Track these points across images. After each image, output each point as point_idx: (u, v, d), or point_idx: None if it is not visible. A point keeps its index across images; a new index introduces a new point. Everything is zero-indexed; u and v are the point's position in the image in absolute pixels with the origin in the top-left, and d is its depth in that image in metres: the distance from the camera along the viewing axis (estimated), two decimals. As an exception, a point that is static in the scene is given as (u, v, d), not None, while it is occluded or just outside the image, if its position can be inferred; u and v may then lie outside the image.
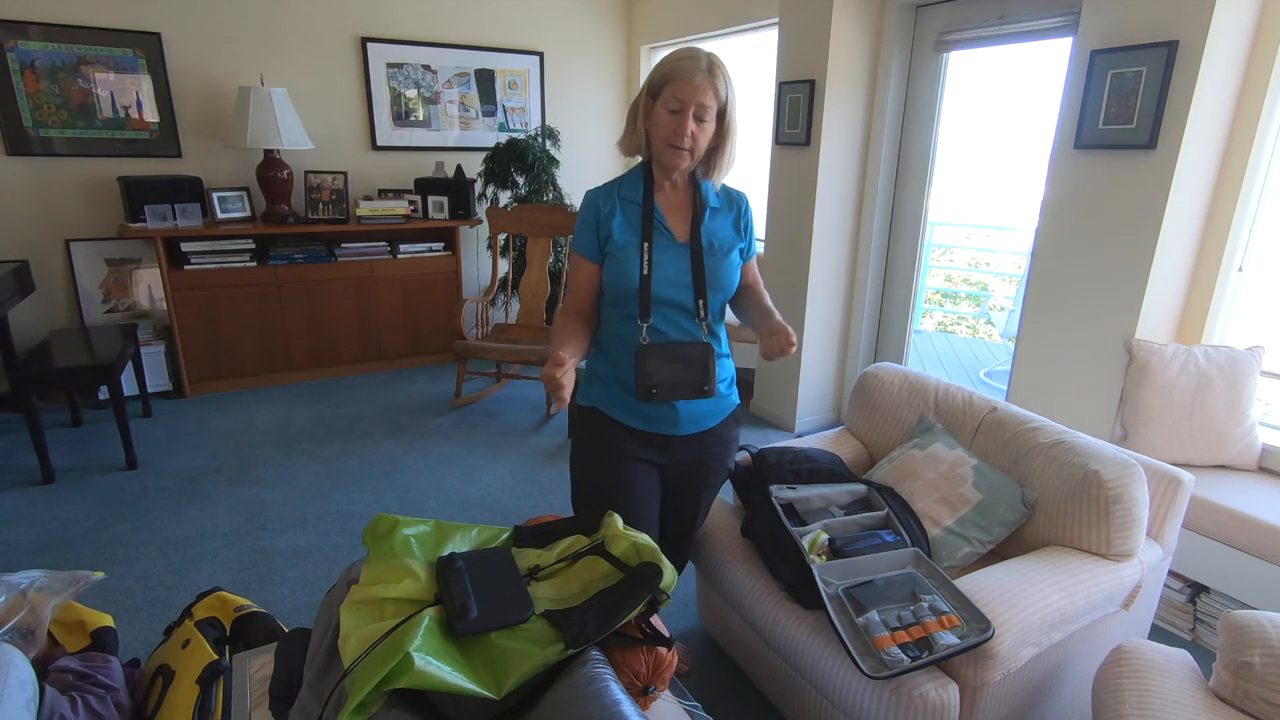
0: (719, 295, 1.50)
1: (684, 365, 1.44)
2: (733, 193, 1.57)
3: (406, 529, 1.20)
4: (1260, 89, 2.17)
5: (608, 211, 1.47)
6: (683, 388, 1.44)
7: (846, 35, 3.11)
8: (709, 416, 1.57)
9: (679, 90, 1.36)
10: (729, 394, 1.60)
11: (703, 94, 1.35)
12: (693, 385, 1.44)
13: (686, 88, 1.35)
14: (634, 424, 1.53)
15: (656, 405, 1.51)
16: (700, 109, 1.36)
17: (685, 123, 1.37)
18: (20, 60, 3.41)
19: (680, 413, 1.52)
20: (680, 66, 1.36)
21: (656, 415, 1.52)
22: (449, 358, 4.53)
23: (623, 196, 1.48)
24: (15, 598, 1.40)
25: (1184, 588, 2.16)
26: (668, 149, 1.40)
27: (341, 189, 4.08)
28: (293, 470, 3.07)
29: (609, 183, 1.52)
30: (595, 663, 1.04)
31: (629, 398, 1.52)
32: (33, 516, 2.65)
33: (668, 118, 1.38)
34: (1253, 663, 1.27)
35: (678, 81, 1.35)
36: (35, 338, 3.66)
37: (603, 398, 1.56)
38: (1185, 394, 2.21)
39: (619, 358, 1.52)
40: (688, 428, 1.55)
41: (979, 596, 1.43)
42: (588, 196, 1.50)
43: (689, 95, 1.35)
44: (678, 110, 1.37)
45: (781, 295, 3.56)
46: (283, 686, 1.17)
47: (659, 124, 1.40)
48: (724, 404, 1.60)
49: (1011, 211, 6.24)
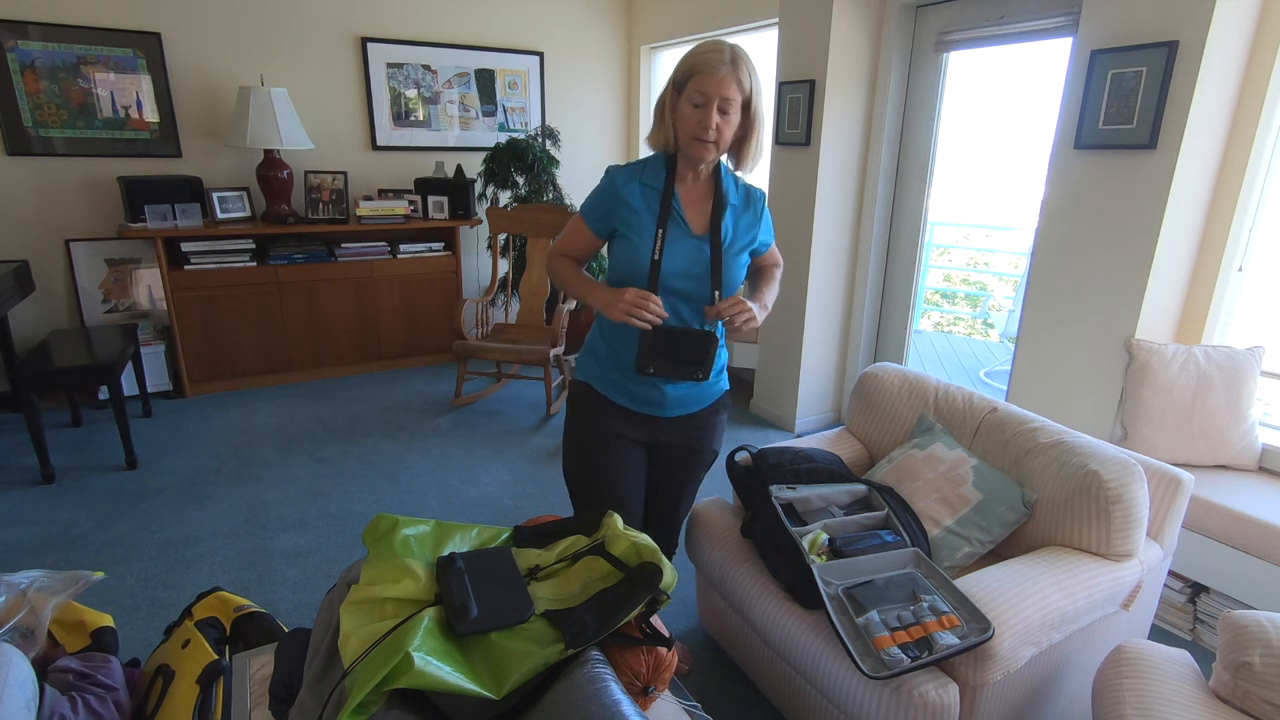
0: (725, 291, 1.52)
1: (686, 349, 1.47)
2: (753, 191, 1.59)
3: (406, 529, 1.20)
4: (1260, 89, 2.17)
5: (627, 192, 1.48)
6: (679, 370, 1.48)
7: (846, 35, 3.11)
8: (695, 401, 1.61)
9: (703, 84, 1.37)
10: (717, 380, 1.64)
11: (726, 87, 1.36)
12: (688, 371, 1.48)
13: (710, 81, 1.36)
14: (623, 402, 1.58)
15: (644, 386, 1.55)
16: (724, 102, 1.38)
17: (710, 116, 1.38)
18: (20, 60, 3.41)
19: (668, 396, 1.56)
20: (704, 60, 1.37)
21: (644, 396, 1.56)
22: (449, 358, 4.53)
23: (644, 181, 1.49)
24: (15, 598, 1.40)
25: (1184, 588, 2.16)
26: (693, 142, 1.41)
27: (341, 189, 4.08)
28: (293, 470, 3.07)
29: (633, 163, 1.53)
30: (595, 663, 1.04)
31: (620, 377, 1.56)
32: (33, 516, 2.65)
33: (692, 111, 1.39)
34: (1253, 663, 1.27)
35: (701, 75, 1.37)
36: (35, 338, 3.66)
37: (596, 374, 1.60)
38: (1185, 394, 2.21)
39: (615, 339, 1.56)
40: (674, 410, 1.59)
41: (979, 596, 1.43)
42: (610, 172, 1.51)
43: (713, 89, 1.36)
44: (702, 104, 1.38)
45: (782, 295, 3.56)
46: (283, 686, 1.17)
47: (684, 118, 1.41)
48: (712, 390, 1.63)
49: (1011, 211, 6.24)
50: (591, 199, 1.53)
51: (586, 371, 1.63)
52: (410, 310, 4.32)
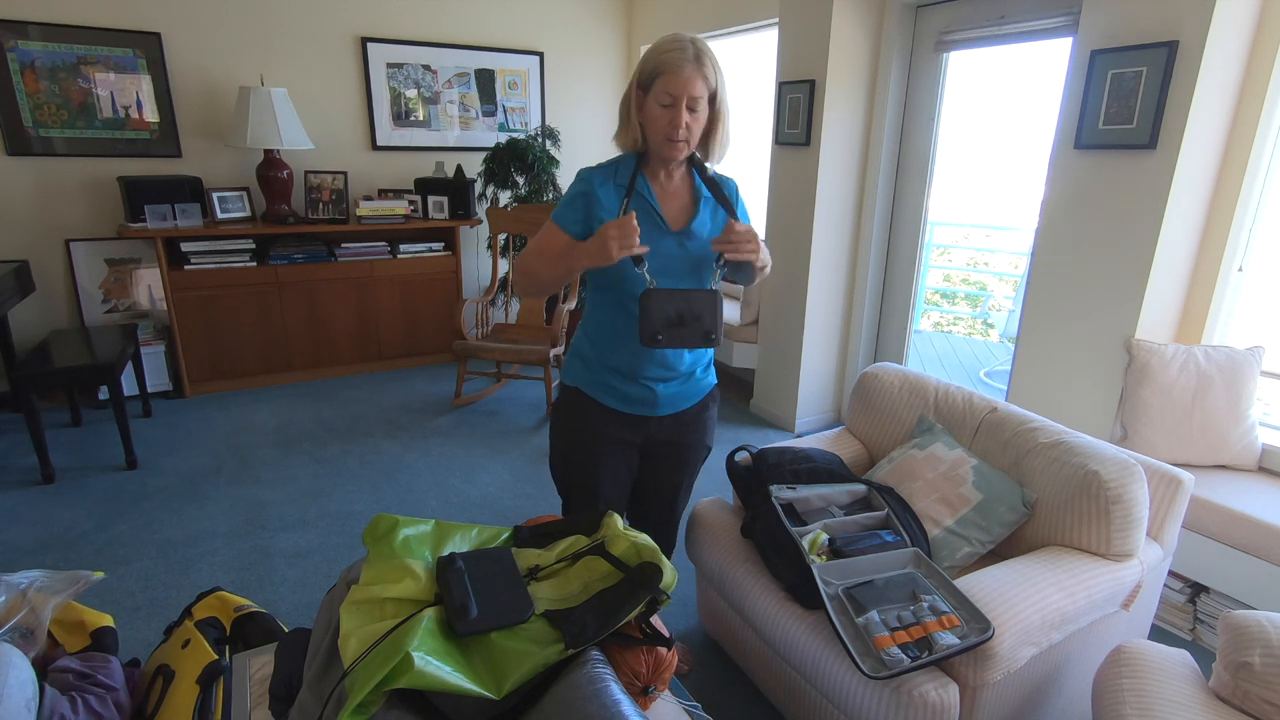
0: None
1: (690, 311, 1.42)
2: (724, 181, 1.57)
3: (406, 529, 1.20)
4: (1260, 89, 2.17)
5: (603, 194, 1.47)
6: (689, 335, 1.42)
7: (846, 35, 3.11)
8: (686, 398, 1.61)
9: (669, 85, 1.35)
10: (705, 376, 1.64)
11: (693, 85, 1.35)
12: (699, 333, 1.42)
13: (676, 81, 1.35)
14: (614, 405, 1.57)
15: (636, 387, 1.54)
16: (692, 100, 1.37)
17: (679, 115, 1.37)
18: (20, 60, 3.41)
19: (659, 395, 1.56)
20: (669, 60, 1.35)
21: (636, 397, 1.56)
22: (449, 358, 4.53)
23: (618, 183, 1.48)
24: (15, 598, 1.40)
25: (1184, 588, 2.16)
26: (665, 143, 1.41)
27: (341, 189, 4.08)
28: (293, 470, 3.07)
29: (604, 165, 1.51)
30: (595, 663, 1.04)
31: (612, 380, 1.55)
32: (33, 516, 2.65)
33: (661, 112, 1.38)
34: (1253, 663, 1.27)
35: (667, 75, 1.35)
36: (35, 338, 3.65)
37: (585, 379, 1.59)
38: (1185, 394, 2.21)
39: (603, 342, 1.55)
40: (666, 409, 1.59)
41: (979, 596, 1.43)
42: (582, 174, 1.49)
43: (680, 88, 1.35)
44: (670, 104, 1.37)
45: (782, 295, 3.57)
46: (283, 686, 1.17)
47: (653, 119, 1.40)
48: (701, 385, 1.64)
49: (1011, 211, 6.24)
50: (566, 203, 1.48)
51: (574, 376, 1.61)
52: (410, 310, 4.32)
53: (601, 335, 1.55)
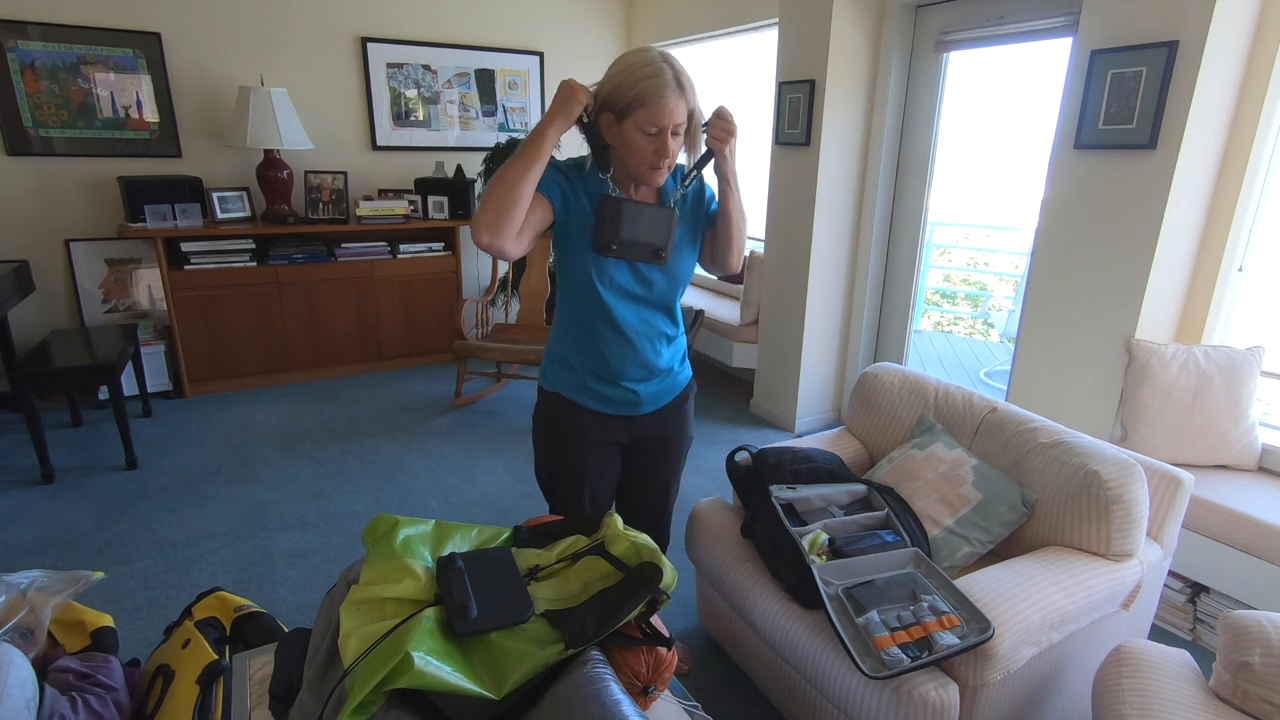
0: (677, 286, 1.52)
1: (648, 225, 1.41)
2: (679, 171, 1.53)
3: (406, 529, 1.20)
4: (1260, 89, 2.17)
5: (574, 195, 1.44)
6: (641, 251, 1.42)
7: (846, 35, 3.11)
8: (666, 393, 1.64)
9: (654, 116, 1.30)
10: (682, 370, 1.67)
11: (678, 114, 1.32)
12: (650, 251, 1.42)
13: (661, 111, 1.30)
14: (597, 407, 1.57)
15: (618, 389, 1.54)
16: (676, 126, 1.33)
17: (666, 144, 1.34)
18: (20, 60, 3.41)
19: (641, 395, 1.57)
20: (650, 89, 1.29)
21: (619, 399, 1.56)
22: (449, 358, 4.53)
23: (590, 191, 1.44)
24: (15, 598, 1.40)
25: (1184, 588, 2.16)
26: (649, 171, 1.38)
27: (341, 189, 4.08)
28: (293, 470, 3.07)
29: (572, 164, 1.46)
30: (595, 663, 1.04)
31: (592, 383, 1.55)
32: (33, 516, 2.65)
33: (645, 140, 1.34)
34: (1253, 663, 1.27)
35: (651, 106, 1.30)
36: (35, 338, 3.66)
37: (566, 382, 1.57)
38: (1185, 394, 2.21)
39: (582, 343, 1.53)
40: (649, 407, 1.61)
41: (979, 596, 1.43)
42: (553, 164, 1.44)
43: (666, 119, 1.31)
44: (656, 134, 1.33)
45: (782, 295, 3.57)
46: (283, 686, 1.17)
47: (635, 148, 1.35)
48: (680, 379, 1.66)
49: (1011, 211, 6.24)
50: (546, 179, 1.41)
51: (555, 381, 1.59)
52: (410, 310, 4.32)
53: (579, 342, 1.53)
